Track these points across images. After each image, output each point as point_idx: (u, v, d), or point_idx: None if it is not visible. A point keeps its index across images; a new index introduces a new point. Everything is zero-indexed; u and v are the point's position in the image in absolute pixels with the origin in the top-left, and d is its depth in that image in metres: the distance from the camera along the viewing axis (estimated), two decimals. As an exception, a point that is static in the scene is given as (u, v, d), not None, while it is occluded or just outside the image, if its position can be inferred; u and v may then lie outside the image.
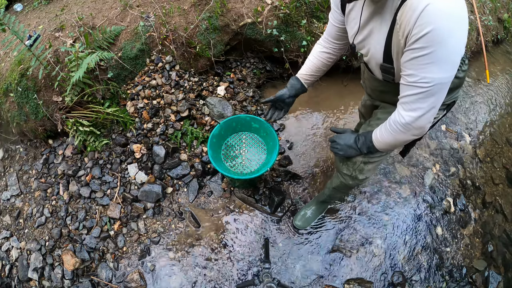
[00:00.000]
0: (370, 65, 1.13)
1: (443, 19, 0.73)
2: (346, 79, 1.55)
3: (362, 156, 1.24)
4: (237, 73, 2.42)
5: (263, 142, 1.85)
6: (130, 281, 1.78)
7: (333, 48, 1.28)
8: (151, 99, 2.09)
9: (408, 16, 0.77)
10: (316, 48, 1.33)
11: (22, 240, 2.04)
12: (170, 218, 1.95)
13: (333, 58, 1.32)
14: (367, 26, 0.98)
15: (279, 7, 2.18)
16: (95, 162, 2.09)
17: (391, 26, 0.87)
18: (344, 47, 1.29)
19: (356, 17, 1.02)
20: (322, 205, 1.89)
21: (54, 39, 2.12)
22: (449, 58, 0.79)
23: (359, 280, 1.77)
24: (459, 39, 0.77)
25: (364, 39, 1.02)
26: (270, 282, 1.58)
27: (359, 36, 1.04)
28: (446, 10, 0.73)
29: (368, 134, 1.13)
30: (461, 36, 0.78)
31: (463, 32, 0.78)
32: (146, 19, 2.12)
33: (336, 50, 1.29)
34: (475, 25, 2.73)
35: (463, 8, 0.77)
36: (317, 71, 1.36)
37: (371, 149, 1.14)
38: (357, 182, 1.37)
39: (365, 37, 1.01)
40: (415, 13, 0.75)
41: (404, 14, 0.79)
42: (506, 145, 2.45)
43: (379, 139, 1.08)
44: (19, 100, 2.10)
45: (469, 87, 2.77)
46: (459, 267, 1.87)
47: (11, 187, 2.24)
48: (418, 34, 0.76)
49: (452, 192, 2.12)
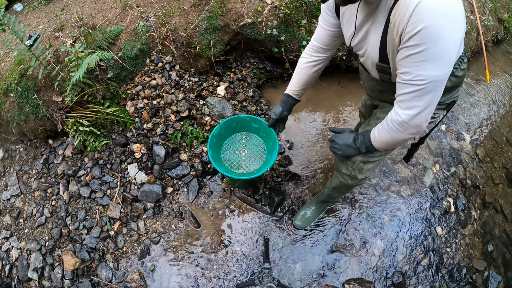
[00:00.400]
0: (366, 65, 1.13)
1: (435, 15, 0.73)
2: (344, 80, 1.54)
3: (361, 156, 1.24)
4: (237, 73, 2.42)
5: (263, 142, 1.85)
6: (130, 281, 1.78)
7: (322, 55, 1.27)
8: (151, 99, 2.09)
9: (401, 14, 0.77)
10: (302, 62, 1.32)
11: (22, 240, 2.04)
12: (170, 218, 1.95)
13: (320, 67, 1.31)
14: (363, 27, 0.98)
15: (279, 7, 2.18)
16: (95, 162, 2.09)
17: (386, 25, 0.88)
18: (330, 55, 1.28)
19: (350, 20, 1.02)
20: (322, 205, 1.89)
21: (54, 39, 2.12)
22: (443, 55, 0.79)
23: (359, 280, 1.77)
24: (452, 35, 0.77)
25: (360, 40, 1.02)
26: (270, 282, 1.57)
27: (355, 38, 1.04)
28: (438, 7, 0.73)
29: (367, 134, 1.13)
30: (454, 32, 0.77)
31: (457, 28, 0.78)
32: (146, 19, 2.12)
33: (325, 57, 1.28)
34: (475, 25, 2.73)
35: (458, 5, 0.77)
36: (307, 84, 1.37)
37: (370, 149, 1.14)
38: (357, 182, 1.37)
39: (361, 39, 1.02)
40: (408, 11, 0.75)
41: (397, 13, 0.79)
42: (506, 145, 2.45)
43: (377, 138, 1.08)
44: (19, 100, 2.10)
45: (469, 87, 2.77)
46: (459, 267, 1.87)
47: (11, 187, 2.24)
48: (412, 31, 0.76)
49: (452, 192, 2.12)
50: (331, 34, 1.18)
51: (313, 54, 1.28)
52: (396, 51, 0.87)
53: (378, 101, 1.36)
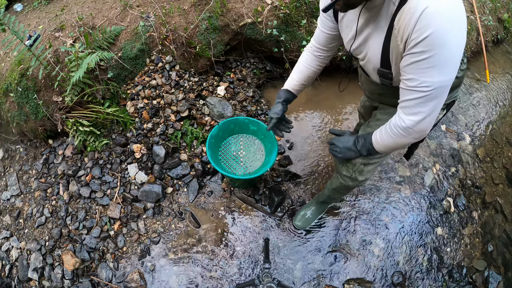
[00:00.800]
0: (366, 69, 1.13)
1: (442, 21, 0.73)
2: (343, 83, 1.54)
3: (361, 158, 1.24)
4: (237, 73, 2.42)
5: (262, 144, 1.85)
6: (130, 281, 1.78)
7: (322, 55, 1.28)
8: (151, 99, 2.09)
9: (406, 20, 0.77)
10: (304, 56, 1.32)
11: (22, 240, 2.04)
12: (170, 218, 1.95)
13: (321, 66, 1.32)
14: (362, 32, 0.98)
15: (279, 7, 2.18)
16: (95, 162, 2.09)
17: (388, 31, 0.87)
18: (331, 54, 1.29)
19: (350, 24, 1.02)
20: (322, 206, 1.89)
21: (54, 39, 2.12)
22: (449, 60, 0.79)
23: (359, 280, 1.77)
24: (458, 41, 0.77)
25: (360, 44, 1.02)
26: (270, 282, 1.57)
27: (355, 43, 1.03)
28: (445, 13, 0.73)
29: (368, 136, 1.13)
30: (460, 38, 0.77)
31: (462, 33, 0.78)
32: (146, 19, 2.12)
33: (325, 58, 1.29)
34: (475, 25, 2.73)
35: (461, 9, 0.77)
36: (307, 80, 1.36)
37: (371, 151, 1.14)
38: (357, 183, 1.37)
39: (361, 43, 1.01)
40: (414, 16, 0.74)
41: (402, 19, 0.78)
42: (506, 145, 2.45)
43: (379, 141, 1.07)
44: (19, 100, 2.10)
45: (469, 87, 2.77)
46: (459, 267, 1.87)
47: (11, 187, 2.24)
48: (418, 38, 0.75)
49: (452, 192, 2.12)
50: (329, 37, 1.19)
51: (313, 53, 1.29)
52: (400, 57, 0.86)
53: (378, 102, 1.35)
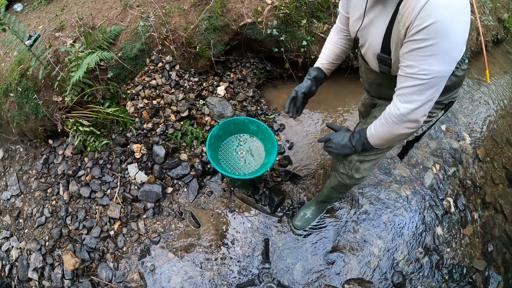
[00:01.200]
0: (367, 56, 1.13)
1: (446, 11, 0.74)
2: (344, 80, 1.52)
3: (357, 155, 1.24)
4: (237, 73, 2.42)
5: (262, 144, 1.85)
6: (130, 281, 1.78)
7: (348, 35, 1.27)
8: (151, 99, 2.09)
9: (411, 7, 0.78)
10: (331, 36, 1.32)
11: (22, 240, 2.04)
12: (170, 218, 1.95)
13: (349, 44, 1.30)
14: (368, 15, 0.98)
15: (279, 7, 2.18)
16: (95, 162, 2.09)
17: (393, 16, 0.88)
18: None
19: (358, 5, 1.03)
20: (321, 205, 1.89)
21: (54, 39, 2.12)
22: (450, 51, 0.79)
23: (359, 280, 1.77)
24: (460, 33, 0.78)
25: (364, 27, 1.02)
26: (270, 282, 1.58)
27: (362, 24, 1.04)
28: (449, 3, 0.74)
29: (363, 131, 1.13)
30: (463, 30, 0.78)
31: (465, 26, 0.78)
32: (146, 19, 2.12)
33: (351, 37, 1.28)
34: (475, 25, 2.73)
35: (467, 4, 0.77)
36: (337, 59, 1.33)
37: (366, 146, 1.14)
38: (354, 181, 1.37)
39: (365, 27, 1.02)
40: (419, 4, 0.75)
41: (407, 5, 0.79)
42: (506, 145, 2.45)
43: (373, 133, 1.07)
44: (19, 100, 2.10)
45: (469, 87, 2.77)
46: (459, 267, 1.87)
47: (11, 187, 2.24)
48: (420, 25, 0.76)
49: (452, 192, 2.12)
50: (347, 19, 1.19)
51: (339, 32, 1.29)
52: (401, 43, 0.87)
53: (377, 98, 1.35)
